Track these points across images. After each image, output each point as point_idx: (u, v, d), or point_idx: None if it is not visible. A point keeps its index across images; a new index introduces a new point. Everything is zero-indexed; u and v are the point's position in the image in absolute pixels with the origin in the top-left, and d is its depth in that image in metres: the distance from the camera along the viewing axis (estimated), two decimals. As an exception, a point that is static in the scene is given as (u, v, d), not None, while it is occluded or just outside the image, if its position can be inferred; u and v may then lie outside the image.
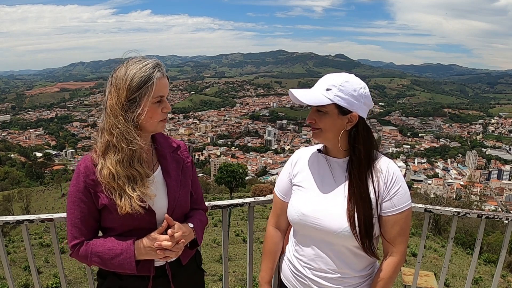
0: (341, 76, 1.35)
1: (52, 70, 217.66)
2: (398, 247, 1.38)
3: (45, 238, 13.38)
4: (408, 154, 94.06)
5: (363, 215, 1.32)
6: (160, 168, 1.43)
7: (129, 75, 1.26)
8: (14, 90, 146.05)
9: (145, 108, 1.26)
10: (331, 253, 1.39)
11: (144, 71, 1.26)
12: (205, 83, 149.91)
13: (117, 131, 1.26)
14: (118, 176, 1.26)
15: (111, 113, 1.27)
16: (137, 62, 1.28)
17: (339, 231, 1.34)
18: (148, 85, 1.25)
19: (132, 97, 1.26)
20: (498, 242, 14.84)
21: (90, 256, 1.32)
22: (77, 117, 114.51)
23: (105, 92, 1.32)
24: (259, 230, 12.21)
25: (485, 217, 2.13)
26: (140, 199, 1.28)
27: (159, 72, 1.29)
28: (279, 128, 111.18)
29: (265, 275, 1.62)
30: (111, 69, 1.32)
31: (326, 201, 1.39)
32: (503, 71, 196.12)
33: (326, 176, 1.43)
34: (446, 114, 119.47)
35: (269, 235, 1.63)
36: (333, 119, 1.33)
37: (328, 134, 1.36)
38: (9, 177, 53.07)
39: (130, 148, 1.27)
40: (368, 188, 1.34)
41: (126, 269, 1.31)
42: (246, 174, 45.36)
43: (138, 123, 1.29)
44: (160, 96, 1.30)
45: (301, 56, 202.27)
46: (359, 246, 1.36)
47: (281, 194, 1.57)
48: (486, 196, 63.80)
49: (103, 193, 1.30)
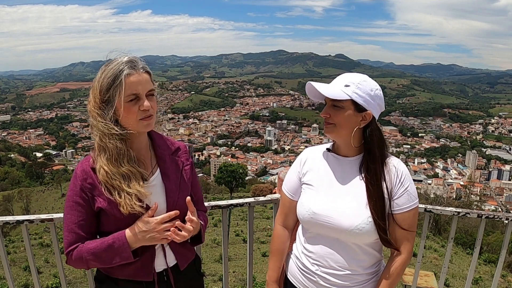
0: (359, 76, 1.39)
1: (52, 70, 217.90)
2: (405, 245, 1.40)
3: (45, 238, 13.37)
4: (408, 154, 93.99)
5: (381, 212, 1.35)
6: (159, 171, 1.40)
7: (100, 77, 1.25)
8: (14, 90, 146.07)
9: (120, 108, 1.24)
10: (341, 251, 1.40)
11: (112, 70, 1.23)
12: (205, 83, 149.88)
13: (100, 132, 1.26)
14: (113, 174, 1.26)
15: (91, 116, 1.27)
16: (111, 62, 1.26)
17: (351, 229, 1.35)
18: (116, 84, 1.22)
19: (105, 98, 1.25)
20: (498, 242, 14.82)
21: (85, 256, 1.29)
22: (77, 117, 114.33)
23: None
24: (259, 230, 12.23)
25: (485, 217, 2.13)
26: (137, 199, 1.27)
27: (130, 68, 1.24)
28: (279, 128, 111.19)
29: (273, 274, 1.62)
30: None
31: (337, 199, 1.40)
32: (503, 71, 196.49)
33: (336, 174, 1.44)
34: (446, 114, 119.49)
35: (277, 234, 1.63)
36: (348, 115, 1.36)
37: (342, 130, 1.38)
38: (9, 177, 53.01)
39: (116, 145, 1.26)
40: (382, 186, 1.37)
41: (123, 259, 1.28)
42: (246, 174, 45.37)
43: (121, 123, 1.28)
44: (134, 94, 1.25)
45: (301, 56, 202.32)
46: (368, 243, 1.40)
47: (290, 192, 1.57)
48: (486, 196, 63.68)
49: (101, 196, 1.28)
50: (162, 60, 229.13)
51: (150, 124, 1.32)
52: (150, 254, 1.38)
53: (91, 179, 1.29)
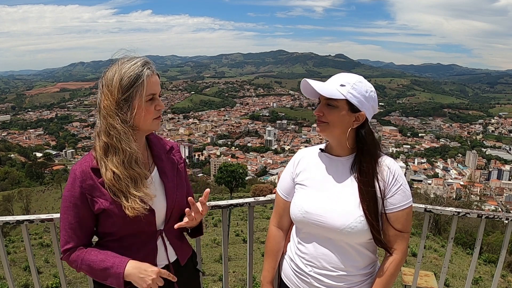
0: (355, 76, 1.39)
1: (52, 70, 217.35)
2: (399, 245, 1.39)
3: (45, 238, 13.35)
4: (408, 154, 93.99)
5: (374, 211, 1.35)
6: (156, 169, 1.42)
7: (119, 75, 1.26)
8: (14, 90, 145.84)
9: (140, 107, 1.27)
10: (334, 251, 1.40)
11: (133, 70, 1.26)
12: (205, 83, 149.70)
13: (115, 132, 1.25)
14: (124, 177, 1.26)
15: (106, 114, 1.26)
16: (126, 62, 1.28)
17: (343, 228, 1.35)
18: (138, 83, 1.26)
19: (124, 96, 1.26)
20: (498, 242, 14.84)
21: (81, 263, 1.31)
22: (77, 117, 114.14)
23: (98, 95, 1.32)
24: (259, 230, 12.21)
25: (485, 217, 2.13)
26: (141, 200, 1.28)
27: (149, 69, 1.29)
28: (279, 128, 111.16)
29: (267, 275, 1.62)
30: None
31: (329, 199, 1.40)
32: (503, 71, 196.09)
33: (329, 174, 1.44)
34: (446, 114, 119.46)
35: (272, 234, 1.63)
36: (342, 115, 1.35)
37: (334, 129, 1.38)
38: (9, 177, 52.96)
39: (130, 148, 1.27)
40: (375, 186, 1.37)
41: (114, 284, 1.28)
42: (246, 174, 45.37)
43: (134, 123, 1.29)
44: (152, 94, 1.30)
45: (301, 56, 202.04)
46: (362, 243, 1.39)
47: (284, 193, 1.57)
48: (486, 196, 63.69)
49: (102, 198, 1.28)
50: (162, 60, 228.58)
51: (159, 125, 1.37)
52: (152, 250, 1.39)
53: (91, 180, 1.28)
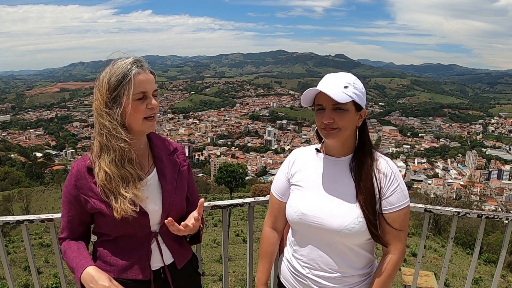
0: (349, 75, 1.36)
1: (52, 70, 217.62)
2: (397, 245, 1.37)
3: (45, 238, 13.36)
4: (408, 154, 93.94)
5: (372, 210, 1.33)
6: (155, 171, 1.41)
7: (107, 74, 1.28)
8: (14, 90, 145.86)
9: (128, 105, 1.27)
10: (331, 252, 1.38)
11: (121, 69, 1.27)
12: (205, 83, 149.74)
13: (106, 130, 1.27)
14: (113, 176, 1.27)
15: (98, 114, 1.29)
16: (117, 62, 1.30)
17: (340, 229, 1.33)
18: (125, 82, 1.26)
19: (113, 95, 1.27)
20: (498, 242, 14.83)
21: (63, 254, 1.39)
22: (77, 117, 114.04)
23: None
24: (259, 230, 12.17)
25: (485, 217, 2.14)
26: (131, 202, 1.28)
27: (138, 68, 1.28)
28: (279, 128, 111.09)
29: (262, 277, 1.60)
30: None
31: (326, 200, 1.38)
32: (503, 71, 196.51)
33: (325, 175, 1.42)
34: (446, 114, 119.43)
35: (266, 236, 1.62)
36: (352, 116, 1.33)
37: (346, 133, 1.34)
38: (9, 177, 52.90)
39: (120, 146, 1.27)
40: (373, 185, 1.35)
41: (79, 284, 1.31)
42: (246, 174, 45.35)
43: (124, 121, 1.30)
44: (142, 92, 1.29)
45: (301, 56, 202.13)
46: (359, 244, 1.37)
47: (279, 194, 1.55)
48: (486, 196, 63.62)
49: (95, 198, 1.30)
50: (162, 60, 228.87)
51: (153, 126, 1.36)
52: (145, 252, 1.38)
53: (84, 180, 1.31)
